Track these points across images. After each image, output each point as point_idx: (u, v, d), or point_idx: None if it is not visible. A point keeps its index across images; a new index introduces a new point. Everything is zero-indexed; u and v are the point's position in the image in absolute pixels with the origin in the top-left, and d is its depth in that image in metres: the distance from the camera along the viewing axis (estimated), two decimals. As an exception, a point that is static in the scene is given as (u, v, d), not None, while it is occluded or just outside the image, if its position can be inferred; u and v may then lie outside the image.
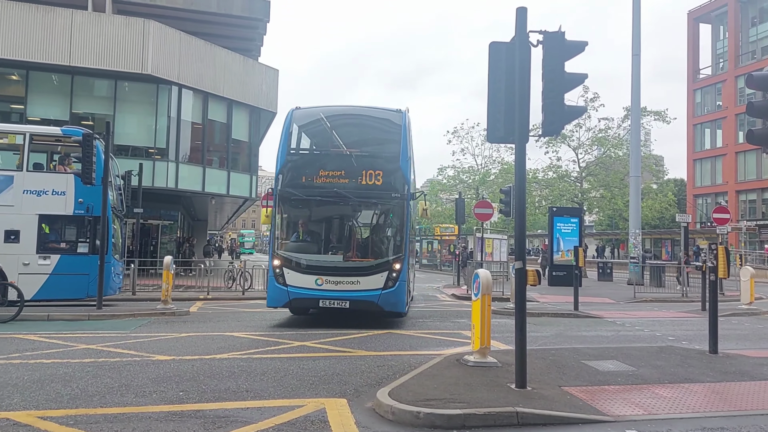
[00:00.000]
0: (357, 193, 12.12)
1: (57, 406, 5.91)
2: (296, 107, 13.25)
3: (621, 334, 12.34)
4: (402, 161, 12.30)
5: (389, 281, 11.71)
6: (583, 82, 7.27)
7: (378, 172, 12.15)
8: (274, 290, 11.96)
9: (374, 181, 12.12)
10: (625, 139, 34.24)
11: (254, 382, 7.09)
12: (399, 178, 12.16)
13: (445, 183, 48.74)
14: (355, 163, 12.28)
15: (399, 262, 11.83)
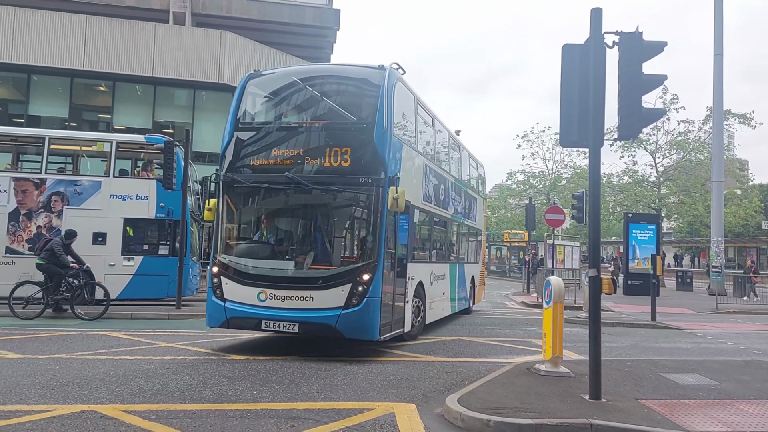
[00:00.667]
0: (316, 178, 9.12)
1: (140, 400, 6.21)
2: (254, 71, 10.53)
3: (702, 346, 11.77)
4: (377, 134, 8.98)
5: (353, 297, 8.57)
6: (662, 83, 7.00)
7: (345, 150, 9.03)
8: (210, 305, 9.46)
9: (340, 161, 9.01)
10: (706, 143, 32.66)
11: (324, 384, 7.21)
12: (372, 157, 8.91)
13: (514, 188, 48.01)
14: (317, 139, 9.32)
15: (369, 271, 8.65)
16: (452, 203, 13.94)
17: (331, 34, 30.32)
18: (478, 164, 18.05)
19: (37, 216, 15.16)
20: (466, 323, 14.16)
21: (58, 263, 13.02)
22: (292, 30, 28.93)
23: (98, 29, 23.90)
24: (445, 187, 13.08)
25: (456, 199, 14.38)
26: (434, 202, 12.12)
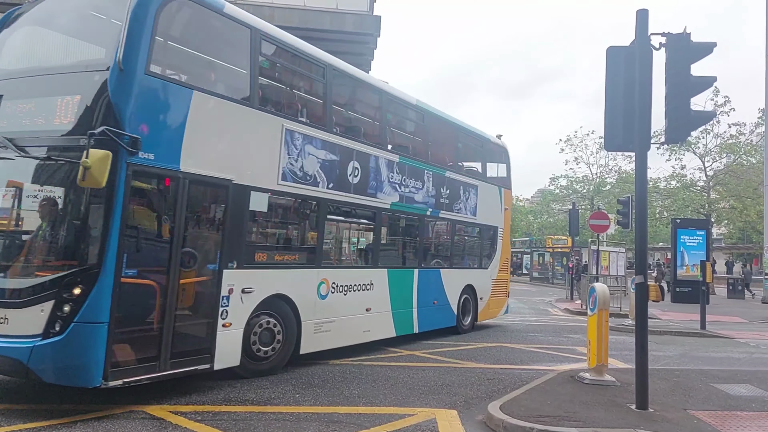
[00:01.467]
0: (30, 140, 6.24)
1: (186, 401, 6.35)
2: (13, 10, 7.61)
3: (755, 356, 11.35)
4: (113, 77, 5.98)
5: (55, 321, 5.61)
6: (712, 85, 6.83)
7: (75, 99, 6.18)
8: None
9: (65, 116, 6.18)
10: (758, 146, 31.52)
11: (366, 388, 7.23)
12: (106, 110, 5.94)
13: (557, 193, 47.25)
14: (44, 89, 6.51)
15: (83, 281, 5.67)
16: (398, 189, 10.53)
17: (372, 40, 30.48)
18: (484, 141, 14.14)
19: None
20: (508, 330, 13.99)
21: None
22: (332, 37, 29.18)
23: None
24: (366, 167, 9.66)
25: (410, 185, 10.85)
26: (327, 185, 8.78)
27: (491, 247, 14.30)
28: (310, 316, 8.42)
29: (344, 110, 10.53)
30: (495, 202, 14.37)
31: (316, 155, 8.61)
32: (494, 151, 14.87)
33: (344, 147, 9.25)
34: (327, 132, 8.89)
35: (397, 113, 11.69)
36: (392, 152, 10.57)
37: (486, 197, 13.81)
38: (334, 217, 9.58)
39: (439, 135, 12.78)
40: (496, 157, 15.01)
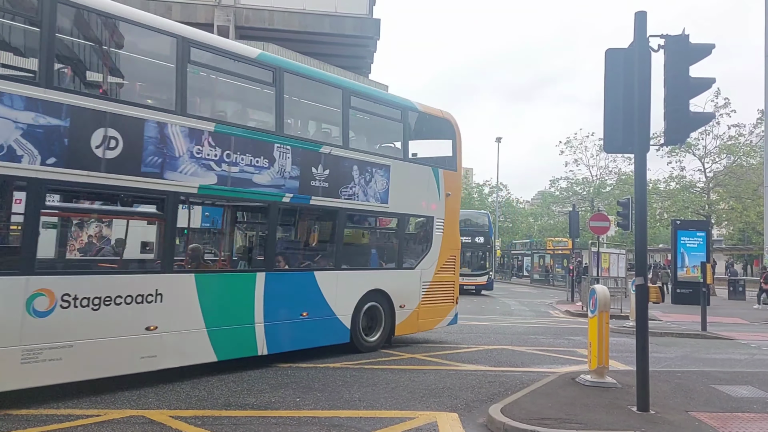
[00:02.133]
0: None
1: (186, 406, 6.34)
2: None
3: (756, 357, 11.33)
4: None
5: None
6: (711, 86, 6.82)
7: None
8: None
9: None
10: (758, 147, 31.53)
11: (366, 392, 7.22)
12: None
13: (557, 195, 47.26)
14: None
15: None
16: (216, 167, 8.02)
17: (372, 43, 30.59)
18: (406, 110, 11.14)
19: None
20: (508, 332, 13.97)
21: None
22: (333, 41, 29.30)
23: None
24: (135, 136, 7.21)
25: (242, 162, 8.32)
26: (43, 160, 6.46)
27: (421, 243, 11.57)
28: (13, 341, 6.11)
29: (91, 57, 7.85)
30: (427, 187, 11.33)
31: (17, 119, 6.23)
32: (427, 125, 11.98)
33: (80, 108, 6.70)
34: (39, 87, 6.40)
35: (217, 67, 8.68)
36: (198, 118, 7.87)
37: (407, 180, 10.89)
38: (66, 204, 7.78)
39: (310, 99, 10.53)
40: (430, 131, 12.29)
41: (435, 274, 11.51)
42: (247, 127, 8.79)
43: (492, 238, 30.38)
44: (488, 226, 30.01)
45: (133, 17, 7.45)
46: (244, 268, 9.28)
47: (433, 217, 11.51)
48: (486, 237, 29.11)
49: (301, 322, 9.10)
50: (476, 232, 28.90)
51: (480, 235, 28.95)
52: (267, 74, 8.81)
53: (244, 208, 9.71)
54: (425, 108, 11.68)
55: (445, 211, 11.67)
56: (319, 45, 29.20)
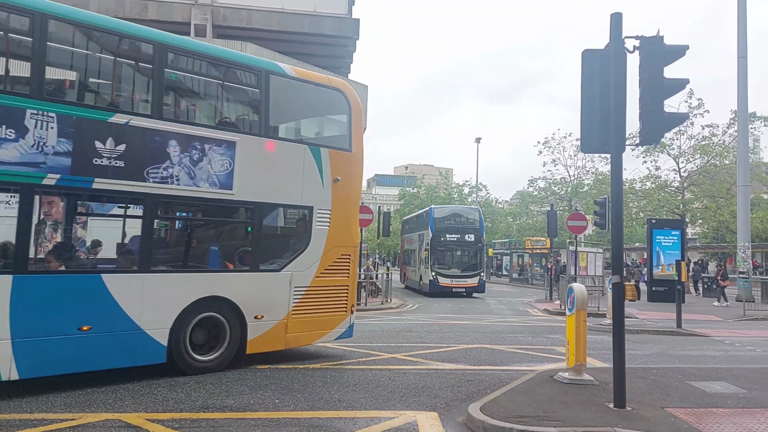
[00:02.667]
0: None
1: (163, 409, 6.27)
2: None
3: (730, 354, 11.54)
4: None
5: None
6: (685, 87, 6.93)
7: None
8: None
9: None
10: (731, 147, 32.14)
11: (346, 392, 7.21)
12: None
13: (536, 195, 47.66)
14: None
15: None
16: None
17: (351, 43, 30.52)
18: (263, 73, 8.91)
19: None
20: (487, 330, 14.06)
21: None
22: (311, 40, 29.18)
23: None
24: None
25: None
26: None
27: (296, 239, 9.52)
28: None
29: None
30: (301, 170, 9.23)
31: None
32: (310, 96, 10.01)
33: None
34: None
35: None
36: None
37: (267, 162, 8.89)
38: None
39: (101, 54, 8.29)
40: (315, 104, 10.46)
41: (316, 277, 9.31)
42: None
43: (483, 236, 28.25)
44: (479, 223, 28.19)
45: None
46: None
47: (312, 207, 9.33)
48: (477, 234, 27.41)
49: (78, 338, 7.01)
50: (466, 228, 27.42)
51: (470, 232, 27.35)
52: (22, 21, 6.96)
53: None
54: (303, 74, 9.75)
55: (333, 201, 9.51)
56: (298, 45, 29.06)
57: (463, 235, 27.19)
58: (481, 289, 27.15)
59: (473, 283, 26.80)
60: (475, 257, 27.47)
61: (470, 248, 27.36)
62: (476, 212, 29.64)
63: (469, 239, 27.28)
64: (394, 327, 14.52)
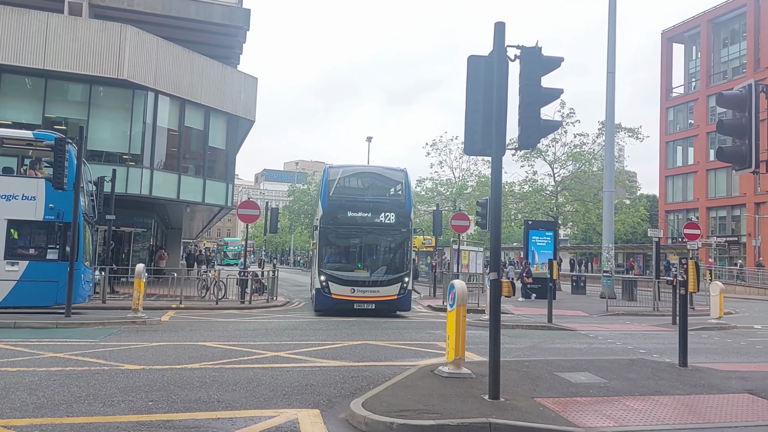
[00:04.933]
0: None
1: (22, 415, 5.75)
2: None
3: (594, 346, 12.45)
4: None
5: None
6: (559, 96, 7.36)
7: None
8: None
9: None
10: (599, 155, 34.80)
11: (226, 392, 6.99)
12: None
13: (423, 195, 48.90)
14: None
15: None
16: None
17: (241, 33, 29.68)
18: None
19: None
20: (374, 327, 14.22)
21: None
22: (199, 27, 28.04)
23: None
24: None
25: None
26: None
27: None
28: None
29: None
30: None
31: None
32: None
33: None
34: None
35: None
36: None
37: None
38: None
39: None
40: None
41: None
42: None
43: (411, 216, 18.20)
44: (405, 195, 18.05)
45: None
46: None
47: None
48: (400, 213, 17.44)
49: None
50: (381, 203, 17.73)
51: (388, 209, 17.50)
52: None
53: None
54: None
55: None
56: (183, 31, 27.80)
57: (376, 214, 17.30)
58: (403, 305, 17.26)
59: (389, 295, 16.82)
60: (397, 252, 17.59)
61: (387, 236, 17.43)
62: (400, 175, 18.35)
63: (387, 221, 17.31)
64: (278, 325, 14.31)
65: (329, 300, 16.57)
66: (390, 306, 16.95)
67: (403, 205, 17.74)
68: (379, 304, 16.70)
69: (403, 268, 17.25)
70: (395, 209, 17.53)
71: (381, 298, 16.75)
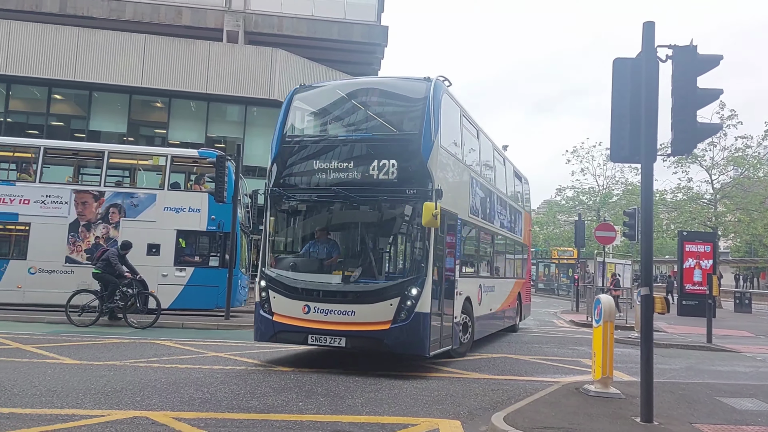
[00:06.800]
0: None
1: (189, 408, 6.35)
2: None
3: (761, 370, 11.26)
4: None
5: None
6: (718, 97, 6.81)
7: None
8: None
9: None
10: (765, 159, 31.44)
11: (369, 398, 7.22)
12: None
13: (563, 204, 47.19)
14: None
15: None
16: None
17: (379, 50, 30.68)
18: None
19: (95, 227, 15.79)
20: (513, 341, 13.96)
21: (114, 273, 13.49)
22: (340, 47, 29.41)
23: (156, 48, 24.83)
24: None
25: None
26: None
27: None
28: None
29: None
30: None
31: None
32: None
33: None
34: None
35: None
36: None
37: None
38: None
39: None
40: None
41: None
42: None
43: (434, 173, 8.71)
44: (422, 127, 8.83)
45: None
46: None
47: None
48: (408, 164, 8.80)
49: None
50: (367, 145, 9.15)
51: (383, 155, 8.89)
52: None
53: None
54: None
55: None
56: (327, 51, 29.31)
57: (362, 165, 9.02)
58: (407, 343, 8.56)
59: (375, 322, 8.56)
60: (398, 236, 9.66)
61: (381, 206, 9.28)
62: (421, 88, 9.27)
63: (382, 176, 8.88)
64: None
65: (268, 324, 9.21)
66: (375, 344, 8.65)
67: (417, 147, 8.78)
68: (355, 338, 8.67)
69: (411, 268, 8.83)
70: (400, 154, 8.86)
71: (358, 326, 8.62)
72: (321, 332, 8.80)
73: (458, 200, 10.28)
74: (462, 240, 10.66)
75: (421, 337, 8.57)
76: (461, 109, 10.84)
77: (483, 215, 12.16)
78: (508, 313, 14.76)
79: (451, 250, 9.86)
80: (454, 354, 10.27)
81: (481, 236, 12.42)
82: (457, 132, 10.58)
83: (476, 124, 12.08)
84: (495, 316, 13.42)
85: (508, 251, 15.26)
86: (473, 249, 12.08)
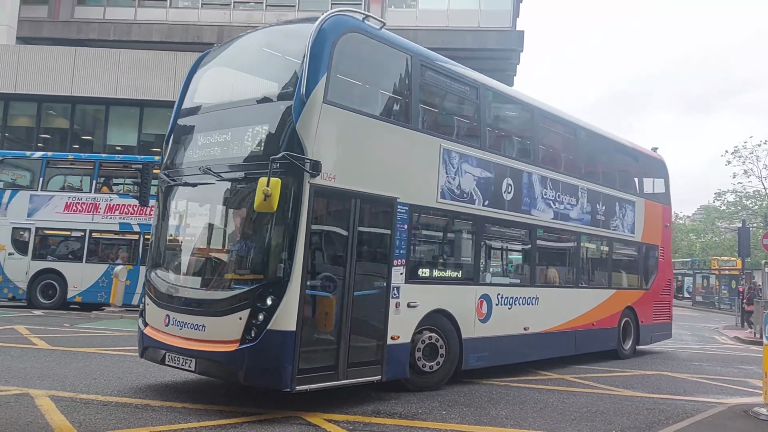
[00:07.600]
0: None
1: (339, 411, 6.63)
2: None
3: None
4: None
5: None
6: None
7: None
8: None
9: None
10: None
11: (513, 410, 7.08)
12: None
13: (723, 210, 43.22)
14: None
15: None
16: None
17: (515, 56, 30.26)
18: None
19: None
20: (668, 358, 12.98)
21: None
22: (474, 55, 29.35)
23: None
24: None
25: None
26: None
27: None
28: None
29: None
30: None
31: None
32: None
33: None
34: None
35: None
36: None
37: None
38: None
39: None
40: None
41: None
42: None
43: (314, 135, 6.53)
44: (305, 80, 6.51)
45: None
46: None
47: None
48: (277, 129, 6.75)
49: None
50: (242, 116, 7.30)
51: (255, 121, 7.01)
52: None
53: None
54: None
55: None
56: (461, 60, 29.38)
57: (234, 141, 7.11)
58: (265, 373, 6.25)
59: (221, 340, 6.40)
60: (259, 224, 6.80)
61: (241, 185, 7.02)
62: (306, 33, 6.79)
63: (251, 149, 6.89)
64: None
65: (140, 337, 7.49)
66: (221, 369, 6.58)
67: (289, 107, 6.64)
68: (202, 361, 6.59)
69: (270, 269, 6.43)
70: (272, 118, 6.86)
71: (207, 345, 6.56)
72: (175, 350, 6.75)
73: (399, 179, 7.55)
74: (417, 233, 7.95)
75: (276, 365, 6.10)
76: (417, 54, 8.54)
77: (488, 202, 9.04)
78: (594, 334, 11.33)
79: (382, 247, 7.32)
80: (413, 386, 7.79)
81: (486, 229, 9.20)
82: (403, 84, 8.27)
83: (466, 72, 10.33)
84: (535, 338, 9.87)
85: (592, 253, 11.92)
86: (469, 246, 8.99)
